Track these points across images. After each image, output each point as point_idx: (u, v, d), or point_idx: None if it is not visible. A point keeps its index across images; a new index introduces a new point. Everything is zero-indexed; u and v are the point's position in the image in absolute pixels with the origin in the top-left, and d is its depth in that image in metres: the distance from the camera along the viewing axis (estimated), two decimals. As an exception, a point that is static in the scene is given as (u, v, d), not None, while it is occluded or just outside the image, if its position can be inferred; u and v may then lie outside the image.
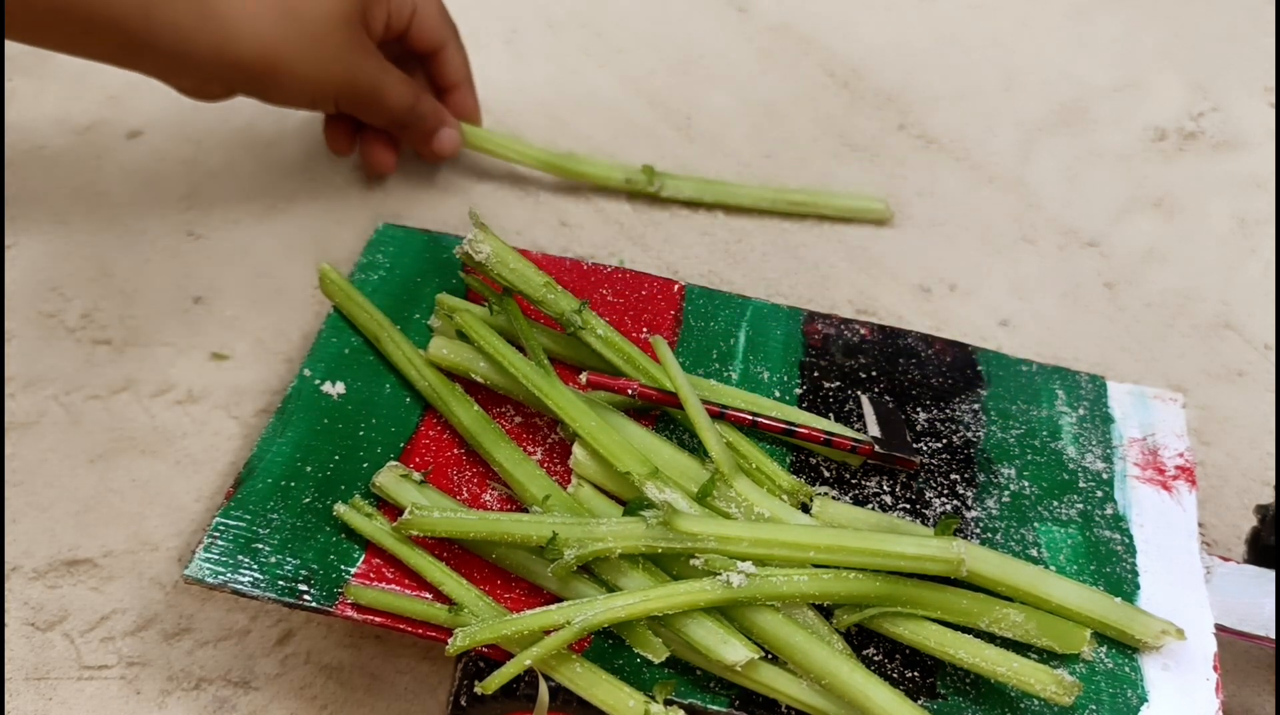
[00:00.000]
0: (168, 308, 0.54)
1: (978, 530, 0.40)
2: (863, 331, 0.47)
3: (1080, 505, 0.41)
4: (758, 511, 0.38)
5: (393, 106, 0.53)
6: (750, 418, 0.41)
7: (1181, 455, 0.43)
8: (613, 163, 0.60)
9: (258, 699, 0.42)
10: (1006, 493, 0.42)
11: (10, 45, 0.67)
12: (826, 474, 0.41)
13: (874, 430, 0.42)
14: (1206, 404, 0.54)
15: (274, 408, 0.42)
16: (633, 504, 0.37)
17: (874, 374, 0.45)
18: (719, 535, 0.35)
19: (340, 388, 0.43)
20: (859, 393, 0.44)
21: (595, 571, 0.37)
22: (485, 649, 0.36)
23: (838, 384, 0.45)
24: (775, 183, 0.63)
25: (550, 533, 0.35)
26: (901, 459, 0.41)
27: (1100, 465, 0.43)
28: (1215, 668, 0.37)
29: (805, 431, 0.41)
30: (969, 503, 0.41)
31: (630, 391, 0.40)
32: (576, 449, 0.39)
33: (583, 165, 0.60)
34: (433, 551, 0.38)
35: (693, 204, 0.61)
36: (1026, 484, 0.42)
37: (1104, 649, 0.37)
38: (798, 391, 0.44)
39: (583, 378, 0.40)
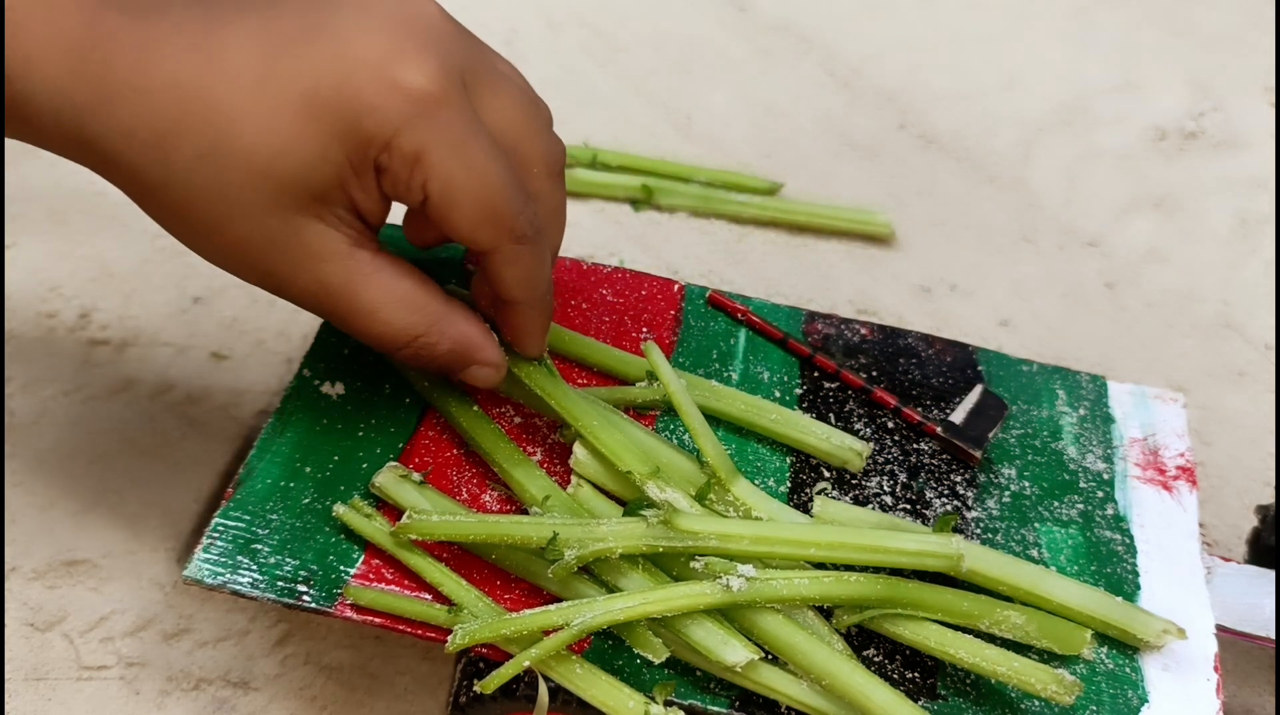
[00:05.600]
0: (167, 308, 0.54)
1: (978, 530, 0.40)
2: (863, 331, 0.47)
3: (1081, 505, 0.41)
4: (756, 515, 0.38)
5: (379, 335, 0.36)
6: (836, 368, 0.44)
7: (1182, 455, 0.43)
8: (614, 180, 0.61)
9: (257, 699, 0.42)
10: (1007, 493, 0.42)
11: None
12: (827, 474, 0.41)
13: (959, 416, 0.43)
14: (1207, 404, 0.54)
15: (274, 408, 0.42)
16: (633, 504, 0.37)
17: (874, 374, 0.45)
18: (720, 533, 0.35)
19: (340, 388, 0.43)
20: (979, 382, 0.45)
21: (595, 572, 0.37)
22: (485, 649, 0.36)
23: (837, 384, 0.45)
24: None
25: (551, 534, 0.35)
26: (962, 450, 0.42)
27: (1101, 465, 0.43)
28: (1216, 668, 0.37)
29: (879, 394, 0.43)
30: (969, 503, 0.41)
31: (740, 315, 0.45)
32: (576, 449, 0.39)
33: (585, 186, 0.60)
34: (432, 552, 0.38)
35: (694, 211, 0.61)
36: (1027, 484, 0.42)
37: (1104, 649, 0.37)
38: (798, 391, 0.44)
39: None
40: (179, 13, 0.32)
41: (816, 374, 0.45)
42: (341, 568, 0.38)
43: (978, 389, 0.44)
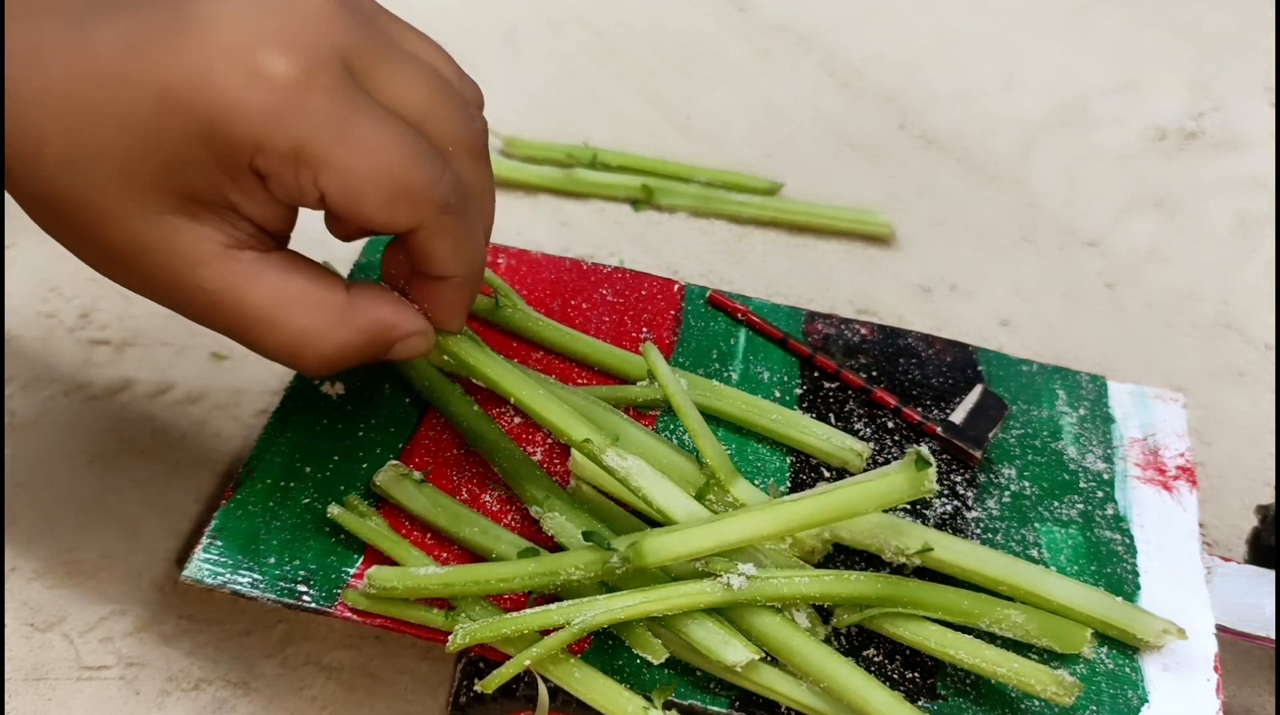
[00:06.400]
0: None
1: (978, 530, 0.40)
2: (863, 331, 0.47)
3: (1081, 505, 0.41)
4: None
5: (280, 345, 0.32)
6: (836, 368, 0.44)
7: (1182, 455, 0.43)
8: (614, 180, 0.61)
9: (257, 699, 0.42)
10: (1007, 493, 0.42)
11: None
12: (827, 475, 0.41)
13: (959, 416, 0.43)
14: (1207, 404, 0.54)
15: (273, 408, 0.42)
16: (596, 536, 0.36)
17: (874, 374, 0.45)
18: (689, 554, 0.34)
19: (340, 388, 0.43)
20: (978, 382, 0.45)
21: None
22: (484, 649, 0.36)
23: (837, 384, 0.45)
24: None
25: (519, 584, 0.35)
26: (962, 450, 0.42)
27: (1101, 465, 0.43)
28: (1216, 668, 0.37)
29: (879, 394, 0.43)
30: (970, 503, 0.41)
31: (740, 315, 0.45)
32: (575, 449, 0.39)
33: (585, 186, 0.60)
34: (431, 552, 0.38)
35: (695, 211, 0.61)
36: (1027, 484, 0.42)
37: (1104, 649, 0.37)
38: (798, 391, 0.44)
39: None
40: (66, 9, 0.30)
41: (816, 374, 0.45)
42: (341, 568, 0.38)
43: (978, 389, 0.44)
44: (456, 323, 0.36)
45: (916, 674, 0.36)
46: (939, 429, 0.42)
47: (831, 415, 0.43)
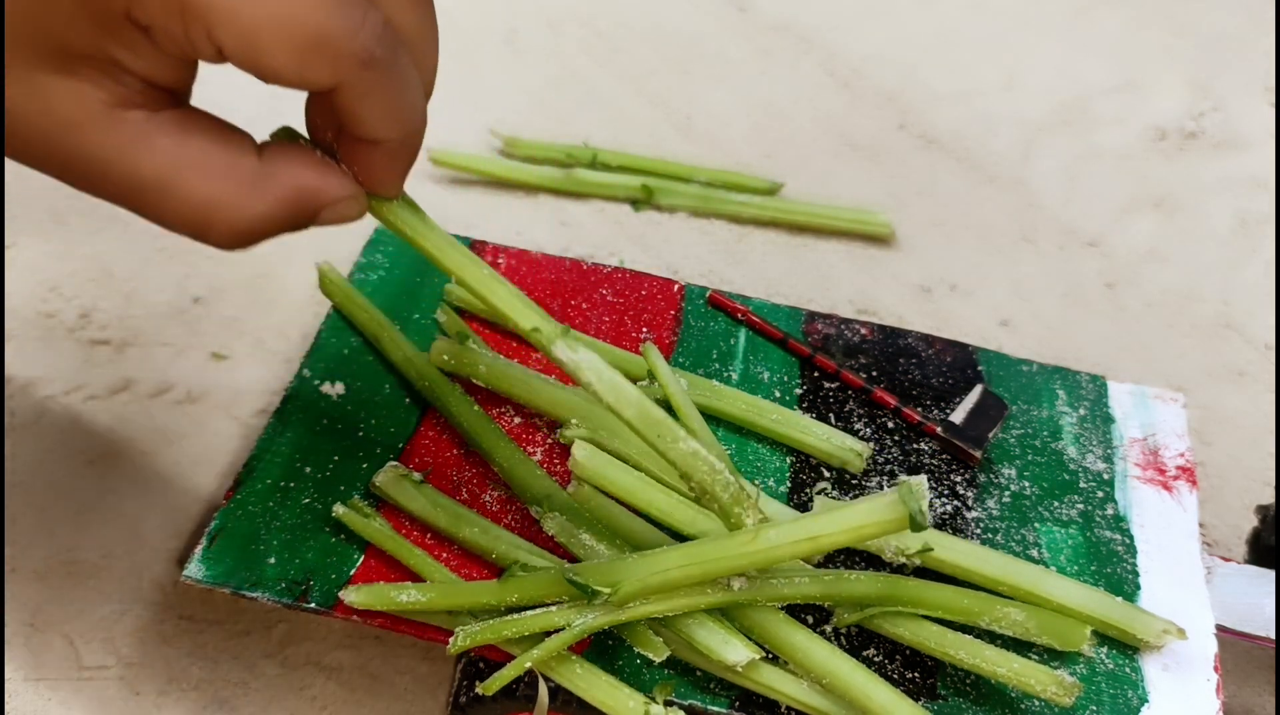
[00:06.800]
0: (167, 308, 0.54)
1: (978, 530, 0.40)
2: (863, 331, 0.47)
3: (1081, 505, 0.41)
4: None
5: (186, 218, 0.28)
6: (836, 368, 0.44)
7: (1182, 455, 0.43)
8: (614, 180, 0.61)
9: (257, 699, 0.42)
10: (1007, 493, 0.42)
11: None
12: (827, 475, 0.41)
13: (958, 416, 0.43)
14: (1207, 404, 0.54)
15: (273, 408, 0.42)
16: (578, 583, 0.35)
17: (874, 374, 0.45)
18: (666, 579, 0.34)
19: (340, 388, 0.43)
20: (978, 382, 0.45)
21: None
22: (485, 649, 0.36)
23: (837, 384, 0.45)
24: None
25: (510, 599, 0.35)
26: (962, 450, 0.42)
27: (1101, 465, 0.43)
28: (1216, 668, 0.37)
29: (879, 394, 0.43)
30: (970, 503, 0.41)
31: (740, 315, 0.44)
32: (576, 449, 0.39)
33: (585, 186, 0.60)
34: (432, 552, 0.38)
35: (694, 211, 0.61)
36: (1027, 484, 0.42)
37: (1104, 649, 0.37)
38: (798, 391, 0.44)
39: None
40: None
41: (816, 374, 0.45)
42: (341, 568, 0.38)
43: (978, 389, 0.44)
44: (393, 187, 0.31)
45: (916, 674, 0.36)
46: (939, 429, 0.42)
47: (831, 415, 0.43)
